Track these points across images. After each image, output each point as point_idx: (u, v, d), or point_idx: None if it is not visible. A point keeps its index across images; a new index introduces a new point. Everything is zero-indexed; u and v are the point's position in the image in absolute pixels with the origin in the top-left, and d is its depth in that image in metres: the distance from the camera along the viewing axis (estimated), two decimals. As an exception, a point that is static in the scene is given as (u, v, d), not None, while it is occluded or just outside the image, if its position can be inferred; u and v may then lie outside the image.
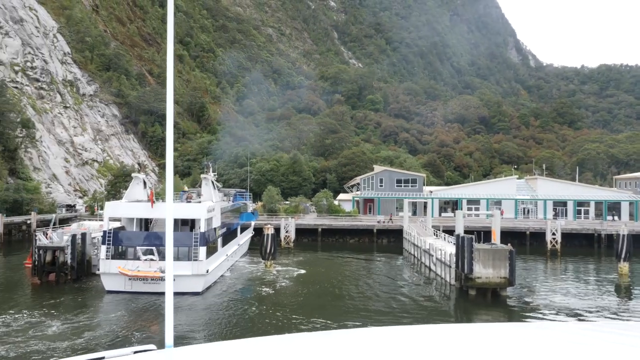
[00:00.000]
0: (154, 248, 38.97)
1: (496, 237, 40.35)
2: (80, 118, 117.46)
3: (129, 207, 41.28)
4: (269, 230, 49.97)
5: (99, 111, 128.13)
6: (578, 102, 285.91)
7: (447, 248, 48.91)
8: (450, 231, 67.28)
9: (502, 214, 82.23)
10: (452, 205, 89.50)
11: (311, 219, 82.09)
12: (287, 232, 66.65)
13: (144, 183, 45.68)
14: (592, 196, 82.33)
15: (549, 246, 63.66)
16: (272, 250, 49.71)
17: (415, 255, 59.74)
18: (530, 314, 35.39)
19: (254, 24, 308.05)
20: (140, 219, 43.37)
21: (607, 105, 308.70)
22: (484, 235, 55.91)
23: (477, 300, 38.49)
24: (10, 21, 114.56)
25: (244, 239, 62.99)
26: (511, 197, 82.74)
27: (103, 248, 39.85)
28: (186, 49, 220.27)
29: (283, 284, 43.92)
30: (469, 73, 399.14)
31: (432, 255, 49.85)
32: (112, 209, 41.20)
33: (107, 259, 39.51)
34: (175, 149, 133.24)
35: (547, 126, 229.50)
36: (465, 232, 72.13)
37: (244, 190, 79.30)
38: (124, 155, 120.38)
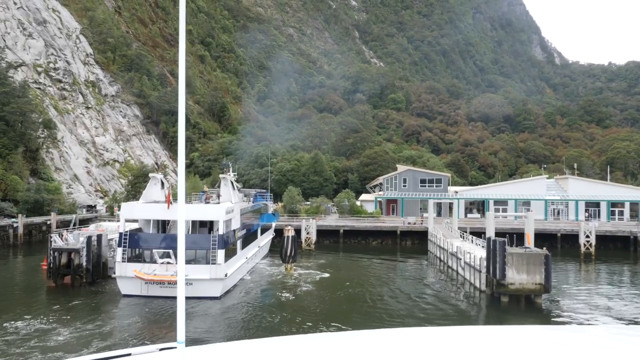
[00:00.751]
0: (170, 251, 37.61)
1: (530, 241, 37.96)
2: (102, 118, 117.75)
3: (146, 208, 40.02)
4: (290, 232, 48.33)
5: (121, 111, 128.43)
6: (605, 100, 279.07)
7: (476, 251, 46.60)
8: (477, 233, 64.90)
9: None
10: (477, 205, 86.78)
11: (333, 220, 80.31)
12: (308, 233, 64.99)
13: (162, 183, 44.43)
14: (627, 196, 78.73)
15: (583, 249, 60.71)
16: (293, 253, 48.07)
17: (441, 258, 57.48)
18: (568, 323, 33.02)
19: (275, 24, 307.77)
20: (158, 221, 42.14)
21: (635, 103, 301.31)
22: (514, 237, 53.48)
23: (509, 308, 36.21)
24: (33, 22, 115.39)
25: (264, 240, 61.51)
26: (541, 197, 79.64)
27: (119, 250, 38.68)
28: (207, 49, 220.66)
29: (304, 288, 42.19)
30: (493, 71, 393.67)
31: (460, 259, 47.58)
32: (128, 210, 40.01)
33: (123, 261, 38.32)
34: (196, 149, 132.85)
35: (574, 124, 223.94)
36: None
37: (264, 190, 77.88)
38: (145, 155, 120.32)
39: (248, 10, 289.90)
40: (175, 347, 4.64)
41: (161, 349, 4.78)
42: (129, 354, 4.68)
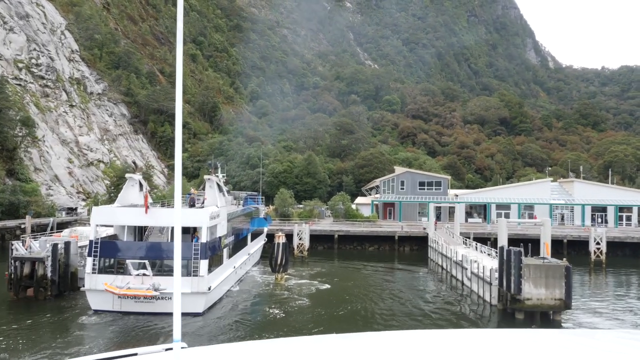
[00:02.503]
0: (146, 262, 33.38)
1: (549, 250, 34.16)
2: (86, 117, 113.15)
3: (120, 212, 35.79)
4: (280, 239, 44.28)
5: (107, 110, 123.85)
6: (599, 104, 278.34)
7: (484, 260, 42.77)
8: (480, 239, 61.19)
9: (535, 219, 75.84)
10: (477, 209, 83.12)
11: (327, 225, 76.35)
12: (300, 239, 60.90)
13: (140, 185, 40.21)
14: (635, 201, 75.24)
15: (593, 257, 57.02)
16: (284, 262, 44.02)
17: (444, 266, 53.62)
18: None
19: (269, 25, 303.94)
20: (134, 227, 37.96)
21: (628, 107, 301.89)
22: (520, 245, 49.63)
23: (525, 326, 32.34)
24: (15, 17, 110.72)
25: (255, 247, 57.37)
26: (545, 201, 75.99)
27: (89, 260, 34.45)
28: (199, 48, 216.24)
29: (297, 302, 38.10)
30: (487, 74, 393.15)
31: (466, 269, 43.70)
32: (99, 214, 35.69)
33: (93, 273, 34.10)
34: (185, 150, 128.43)
35: (570, 128, 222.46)
36: (495, 240, 66.03)
37: (255, 193, 73.59)
38: (132, 155, 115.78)
39: (242, 10, 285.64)
40: (182, 347, 4.69)
41: (167, 349, 4.81)
42: (135, 354, 4.69)
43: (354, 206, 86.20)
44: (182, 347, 4.74)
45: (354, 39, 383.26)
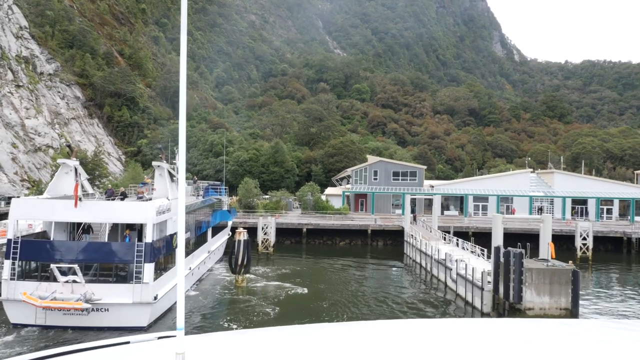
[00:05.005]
0: (76, 266, 27.43)
1: (554, 252, 29.84)
2: (35, 99, 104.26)
3: (45, 205, 29.61)
4: (242, 236, 38.83)
5: (59, 92, 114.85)
6: (562, 97, 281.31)
7: (471, 261, 38.38)
8: (459, 234, 57.23)
9: (513, 212, 72.53)
10: (453, 201, 79.31)
11: (295, 217, 71.12)
12: (265, 233, 55.47)
13: (76, 172, 33.97)
14: (617, 193, 72.54)
15: (579, 253, 53.58)
16: (246, 262, 38.60)
17: (422, 264, 49.22)
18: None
19: (237, 10, 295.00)
20: (67, 224, 31.87)
21: (590, 100, 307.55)
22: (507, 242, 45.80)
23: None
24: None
25: (217, 243, 51.68)
26: (525, 193, 72.57)
27: (7, 264, 28.33)
28: (162, 30, 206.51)
29: (263, 311, 32.78)
30: (455, 66, 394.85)
31: (451, 269, 39.24)
32: (20, 207, 29.44)
33: (12, 279, 28.03)
34: (144, 136, 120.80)
35: (537, 119, 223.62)
36: (475, 235, 62.11)
37: (218, 182, 67.37)
38: (85, 141, 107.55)
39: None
40: (174, 336, 4.65)
41: (160, 337, 4.84)
42: (128, 342, 4.75)
43: (323, 197, 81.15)
44: (172, 336, 4.64)
45: (323, 27, 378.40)
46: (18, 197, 74.87)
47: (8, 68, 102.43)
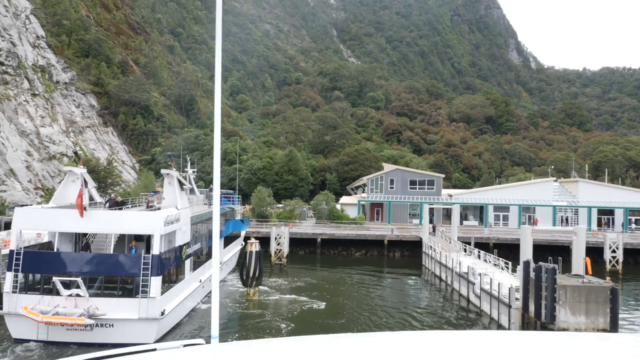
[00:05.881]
0: (79, 279, 26.03)
1: (590, 268, 27.77)
2: (50, 107, 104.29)
3: (50, 215, 28.33)
4: (253, 247, 37.25)
5: (74, 101, 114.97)
6: (580, 105, 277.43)
7: (495, 274, 36.32)
8: (478, 245, 55.14)
9: (536, 223, 69.98)
10: (472, 211, 76.99)
11: (309, 227, 69.43)
12: (278, 244, 53.82)
13: (84, 181, 32.73)
14: (646, 203, 69.69)
15: (608, 266, 51.08)
16: (257, 274, 36.98)
17: (442, 277, 47.16)
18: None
19: (251, 19, 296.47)
20: (73, 234, 30.52)
21: (610, 108, 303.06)
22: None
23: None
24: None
25: (230, 253, 50.20)
26: (548, 203, 70.03)
27: (9, 276, 27.06)
28: (177, 40, 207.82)
29: (277, 327, 31.06)
30: (470, 74, 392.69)
31: (473, 284, 37.21)
32: (23, 217, 28.19)
33: (14, 292, 26.72)
34: (158, 144, 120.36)
35: (556, 127, 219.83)
36: (495, 246, 59.81)
37: (231, 191, 66.04)
38: (99, 149, 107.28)
39: (223, 3, 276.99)
40: (199, 344, 4.81)
41: (185, 345, 4.83)
42: (154, 349, 4.69)
43: (338, 206, 79.40)
44: (198, 344, 4.73)
45: (337, 36, 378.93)
46: (25, 205, 74.36)
47: (24, 77, 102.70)
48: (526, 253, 29.96)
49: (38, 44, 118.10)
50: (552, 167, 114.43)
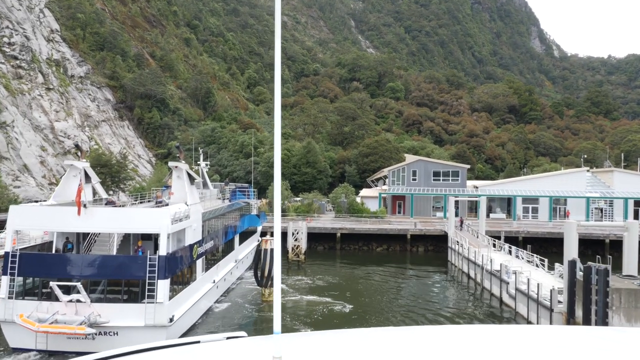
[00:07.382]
0: (79, 284, 23.85)
1: None
2: (65, 102, 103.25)
3: (46, 213, 26.20)
4: (268, 244, 34.85)
5: (89, 95, 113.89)
6: (607, 93, 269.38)
7: (532, 273, 33.32)
8: (507, 239, 52.04)
9: (567, 215, 66.46)
10: (499, 203, 73.58)
11: (328, 221, 66.90)
12: (296, 239, 51.37)
13: (86, 175, 30.59)
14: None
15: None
16: (272, 273, 34.54)
17: (470, 274, 44.23)
18: None
19: (268, 11, 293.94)
20: (75, 234, 28.36)
21: (636, 96, 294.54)
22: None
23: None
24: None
25: (245, 250, 47.97)
26: (580, 194, 66.26)
27: (4, 280, 25.02)
28: (194, 32, 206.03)
29: (295, 331, 28.61)
30: (491, 63, 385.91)
31: (507, 283, 34.26)
32: (19, 216, 26.11)
33: (9, 298, 24.68)
34: (175, 138, 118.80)
35: (582, 116, 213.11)
36: (525, 240, 56.55)
37: (246, 185, 63.65)
38: (115, 143, 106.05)
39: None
40: (242, 337, 4.96)
41: (228, 338, 4.95)
42: (198, 342, 4.84)
43: (358, 199, 76.63)
44: (241, 337, 4.89)
45: (355, 26, 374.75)
46: (44, 201, 73.05)
47: (39, 71, 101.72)
48: (571, 251, 26.92)
49: (52, 38, 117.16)
50: (585, 155, 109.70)
